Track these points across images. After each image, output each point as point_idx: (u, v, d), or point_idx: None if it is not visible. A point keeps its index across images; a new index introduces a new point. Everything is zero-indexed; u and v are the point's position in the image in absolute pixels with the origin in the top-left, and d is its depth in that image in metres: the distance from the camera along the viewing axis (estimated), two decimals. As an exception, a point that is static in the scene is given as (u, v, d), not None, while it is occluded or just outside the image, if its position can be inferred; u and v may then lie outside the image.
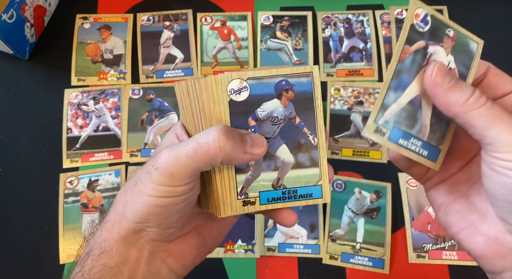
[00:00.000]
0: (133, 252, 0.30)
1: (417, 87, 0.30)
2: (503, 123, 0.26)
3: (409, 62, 0.30)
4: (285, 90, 0.31)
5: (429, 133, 0.31)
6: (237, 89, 0.30)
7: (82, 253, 0.30)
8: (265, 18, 0.67)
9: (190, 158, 0.28)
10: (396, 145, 0.30)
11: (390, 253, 0.55)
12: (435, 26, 0.30)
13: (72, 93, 0.63)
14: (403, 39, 0.29)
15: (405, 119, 0.30)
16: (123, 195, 0.30)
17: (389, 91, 0.29)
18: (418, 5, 0.30)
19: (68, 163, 0.60)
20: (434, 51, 0.30)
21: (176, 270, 0.33)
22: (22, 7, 0.61)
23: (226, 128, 0.28)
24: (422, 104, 0.30)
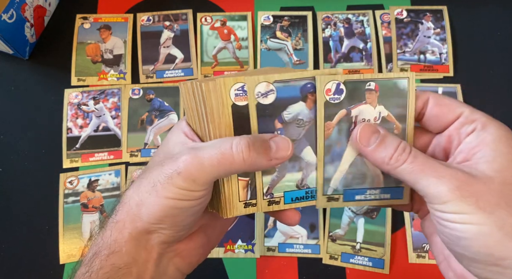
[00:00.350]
0: (143, 254, 0.30)
1: (354, 150, 0.32)
2: (427, 177, 0.27)
3: (335, 134, 0.31)
4: (310, 93, 0.31)
5: (384, 179, 0.32)
6: (264, 93, 0.30)
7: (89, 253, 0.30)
8: (265, 18, 0.67)
9: (214, 167, 0.28)
10: (355, 202, 0.32)
11: (390, 253, 0.55)
12: (353, 88, 0.31)
13: (72, 93, 0.63)
14: (321, 119, 0.31)
15: (353, 180, 0.32)
16: (136, 195, 0.30)
17: (326, 167, 0.31)
18: (327, 79, 0.30)
19: (68, 163, 0.60)
20: (359, 112, 0.31)
21: (182, 268, 0.33)
22: (22, 7, 0.60)
23: (249, 140, 0.29)
24: (365, 160, 0.32)
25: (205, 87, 0.30)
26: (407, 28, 0.66)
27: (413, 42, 0.65)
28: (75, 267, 0.31)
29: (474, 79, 0.63)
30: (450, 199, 0.26)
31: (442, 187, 0.26)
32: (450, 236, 0.27)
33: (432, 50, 0.64)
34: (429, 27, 0.66)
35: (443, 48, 0.64)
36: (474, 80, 0.63)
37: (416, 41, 0.65)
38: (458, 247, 0.27)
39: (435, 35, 0.65)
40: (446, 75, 0.63)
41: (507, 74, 0.64)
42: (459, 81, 0.63)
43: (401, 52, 0.64)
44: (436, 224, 0.28)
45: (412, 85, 0.31)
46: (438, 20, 0.66)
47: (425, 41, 0.65)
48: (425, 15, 0.66)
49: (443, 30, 0.65)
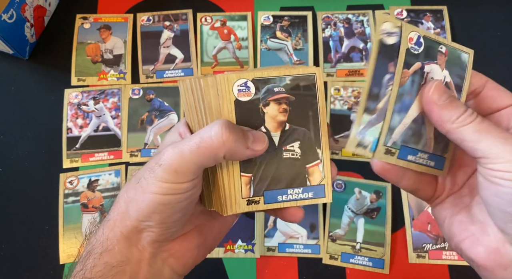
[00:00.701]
0: (135, 253, 0.30)
1: (418, 106, 0.32)
2: (492, 137, 0.28)
3: (409, 84, 0.31)
4: None
5: (434, 145, 0.33)
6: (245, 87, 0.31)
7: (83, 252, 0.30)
8: (265, 18, 0.67)
9: (193, 153, 0.28)
10: (406, 162, 0.32)
11: (390, 253, 0.55)
12: (429, 46, 0.32)
13: (72, 93, 0.63)
14: (401, 64, 0.31)
15: (411, 137, 0.32)
16: (125, 193, 0.30)
17: (394, 115, 0.31)
18: (411, 28, 0.31)
19: (68, 163, 0.60)
20: (431, 70, 0.32)
21: (178, 269, 0.33)
22: (22, 7, 0.60)
23: (228, 122, 0.29)
24: (425, 120, 0.32)
25: (203, 83, 0.30)
26: (407, 28, 0.66)
27: (413, 42, 0.65)
28: (72, 266, 0.31)
29: (474, 79, 0.63)
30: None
31: (507, 146, 0.27)
32: (506, 195, 0.27)
33: (432, 50, 0.64)
34: (429, 27, 0.66)
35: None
36: (474, 80, 0.63)
37: (416, 41, 0.65)
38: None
39: (435, 35, 0.65)
40: (446, 75, 0.63)
41: (507, 74, 0.64)
42: (459, 81, 0.63)
43: (401, 52, 0.64)
44: (489, 186, 0.28)
45: (471, 61, 0.33)
46: (438, 20, 0.66)
47: (425, 41, 0.65)
48: (425, 15, 0.66)
49: (443, 30, 0.65)
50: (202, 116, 0.31)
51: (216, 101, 0.30)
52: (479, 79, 0.33)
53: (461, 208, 0.32)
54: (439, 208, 0.34)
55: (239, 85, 0.31)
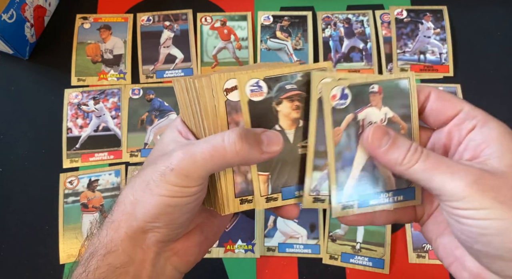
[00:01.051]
0: (139, 253, 0.30)
1: (364, 154, 0.31)
2: (441, 174, 0.27)
3: (345, 139, 0.31)
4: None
5: (395, 180, 0.32)
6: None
7: (85, 253, 0.30)
8: (265, 18, 0.67)
9: (206, 161, 0.28)
10: (370, 207, 0.32)
11: (390, 253, 0.55)
12: (357, 92, 0.31)
13: (72, 93, 0.63)
14: (329, 125, 0.31)
15: (365, 185, 0.32)
16: (131, 194, 0.30)
17: (338, 173, 0.31)
18: (331, 85, 0.30)
19: (68, 163, 0.60)
20: (365, 115, 0.31)
21: (180, 267, 0.33)
22: (22, 7, 0.60)
23: (241, 132, 0.28)
24: (376, 163, 0.32)
25: (198, 84, 0.30)
26: (407, 28, 0.66)
27: (413, 42, 0.65)
28: (72, 267, 0.31)
29: (474, 79, 0.63)
30: (468, 193, 0.26)
31: (458, 182, 0.26)
32: (469, 234, 0.26)
33: (432, 50, 0.64)
34: (429, 27, 0.66)
35: (443, 48, 0.64)
36: (474, 80, 0.63)
37: (416, 41, 0.65)
38: (479, 244, 0.27)
39: (435, 35, 0.65)
40: (446, 75, 0.63)
41: (507, 74, 0.64)
42: (459, 81, 0.63)
43: (401, 52, 0.64)
44: (453, 223, 0.27)
45: (413, 84, 0.31)
46: (438, 20, 0.66)
47: (425, 41, 0.65)
48: (425, 15, 0.66)
49: (443, 30, 0.65)
50: (198, 117, 0.31)
51: (212, 102, 0.30)
52: (421, 94, 0.31)
53: (443, 228, 0.32)
54: (424, 228, 0.34)
55: (252, 85, 0.30)
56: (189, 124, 0.33)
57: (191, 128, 0.33)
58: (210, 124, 0.30)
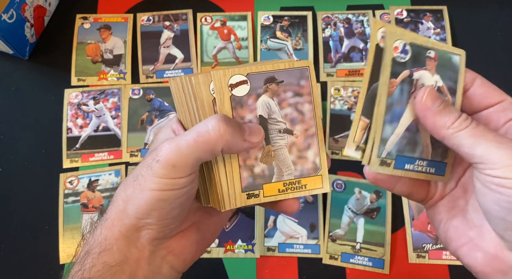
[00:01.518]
0: (134, 252, 0.30)
1: (411, 114, 0.31)
2: (487, 141, 0.27)
3: (398, 93, 0.31)
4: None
5: (432, 151, 0.32)
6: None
7: (81, 252, 0.30)
8: (265, 18, 0.67)
9: (191, 148, 0.28)
10: (404, 171, 0.32)
11: (390, 253, 0.55)
12: (416, 52, 0.31)
13: (72, 93, 0.63)
14: (387, 75, 0.30)
15: (406, 146, 0.31)
16: (123, 191, 0.30)
17: (385, 126, 0.31)
18: (395, 36, 0.31)
19: (68, 163, 0.60)
20: (420, 76, 0.32)
21: (177, 266, 0.33)
22: (22, 7, 0.61)
23: (224, 116, 0.29)
24: (419, 127, 0.32)
25: (194, 80, 0.30)
26: (407, 28, 0.66)
27: (413, 42, 0.65)
28: (69, 266, 0.31)
29: (474, 79, 0.63)
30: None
31: (505, 150, 0.26)
32: (505, 203, 0.27)
33: (432, 50, 0.64)
34: (429, 27, 0.66)
35: (443, 48, 0.64)
36: (474, 80, 0.63)
37: (416, 41, 0.65)
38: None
39: (435, 35, 0.65)
40: (446, 75, 0.63)
41: (507, 74, 0.64)
42: (459, 81, 0.63)
43: (401, 52, 0.64)
44: (487, 193, 0.27)
45: (463, 62, 0.32)
46: (438, 20, 0.66)
47: (425, 41, 0.65)
48: (425, 15, 0.66)
49: (443, 30, 0.65)
50: (195, 113, 0.31)
51: (209, 99, 0.31)
52: (468, 76, 0.32)
53: (457, 211, 0.32)
54: (433, 210, 0.34)
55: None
56: (185, 122, 0.33)
57: (187, 126, 0.33)
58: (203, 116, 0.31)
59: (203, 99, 0.30)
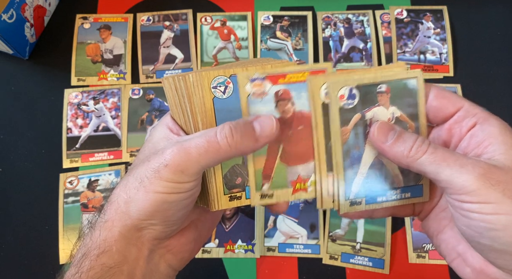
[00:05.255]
0: (133, 251, 0.30)
1: (372, 152, 0.32)
2: (450, 167, 0.27)
3: (352, 138, 0.31)
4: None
5: (403, 178, 0.32)
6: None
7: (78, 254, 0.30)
8: (265, 18, 0.67)
9: (201, 156, 0.28)
10: (377, 204, 0.33)
11: (390, 253, 0.55)
12: (365, 92, 0.31)
13: (72, 93, 0.63)
14: (337, 125, 0.31)
15: (373, 182, 0.32)
16: (123, 193, 0.30)
17: (346, 171, 0.32)
18: (339, 85, 0.30)
19: (68, 163, 0.60)
20: (373, 114, 0.31)
21: (175, 264, 0.33)
22: (22, 7, 0.60)
23: (231, 125, 0.29)
24: (384, 160, 0.32)
25: (187, 81, 0.30)
26: (407, 28, 0.66)
27: (413, 42, 0.65)
28: (63, 269, 0.30)
29: (474, 79, 0.63)
30: (477, 187, 0.26)
31: (467, 175, 0.26)
32: (476, 228, 0.26)
33: (432, 50, 0.64)
34: (429, 27, 0.66)
35: (443, 48, 0.64)
36: (474, 80, 0.63)
37: (416, 41, 0.65)
38: (485, 238, 0.27)
39: (435, 35, 0.65)
40: (446, 75, 0.63)
41: (507, 74, 0.64)
42: (459, 81, 0.63)
43: (401, 52, 0.64)
44: (459, 217, 0.27)
45: (421, 84, 0.31)
46: (438, 20, 0.66)
47: (425, 41, 0.65)
48: (425, 15, 0.66)
49: (443, 30, 0.65)
50: (187, 114, 0.31)
51: (201, 100, 0.30)
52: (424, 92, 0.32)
53: (445, 224, 0.32)
54: (425, 223, 0.34)
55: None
56: (179, 122, 0.33)
57: (183, 125, 0.33)
58: (199, 122, 0.30)
59: (198, 100, 0.30)
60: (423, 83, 0.31)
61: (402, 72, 0.31)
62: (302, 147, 0.32)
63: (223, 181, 0.31)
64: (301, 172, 0.32)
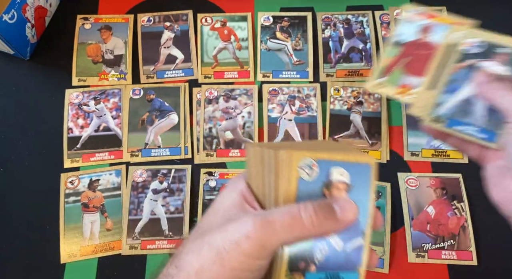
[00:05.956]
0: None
1: (470, 89, 0.39)
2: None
3: (462, 73, 0.40)
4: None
5: (488, 121, 0.38)
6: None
7: None
8: (265, 18, 0.67)
9: (285, 232, 0.27)
10: (455, 131, 0.39)
11: (390, 252, 0.55)
12: (488, 47, 0.40)
13: (73, 94, 0.63)
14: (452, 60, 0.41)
15: (461, 112, 0.39)
16: (195, 262, 0.28)
17: (444, 94, 0.40)
18: (474, 35, 0.41)
19: (69, 162, 0.60)
20: (487, 66, 0.40)
21: None
22: (23, 8, 0.61)
23: (314, 205, 0.28)
24: (478, 100, 0.39)
25: (278, 157, 0.29)
26: (406, 28, 0.66)
27: (413, 42, 0.65)
28: None
29: (473, 79, 0.63)
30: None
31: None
32: None
33: (432, 50, 0.65)
34: (429, 27, 0.66)
35: (442, 48, 0.65)
36: (473, 81, 0.63)
37: (415, 42, 0.65)
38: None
39: (435, 35, 0.65)
40: (445, 76, 0.64)
41: (506, 75, 0.64)
42: (458, 81, 0.63)
43: (400, 53, 0.65)
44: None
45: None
46: (437, 21, 0.66)
47: (425, 41, 0.65)
48: (425, 15, 0.66)
49: (442, 30, 0.65)
50: (270, 187, 0.30)
51: (286, 178, 0.28)
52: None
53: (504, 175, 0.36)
54: (487, 170, 0.37)
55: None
56: (256, 191, 0.32)
57: (256, 195, 0.31)
58: (283, 198, 0.29)
59: (283, 177, 0.28)
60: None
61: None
62: (422, 65, 0.43)
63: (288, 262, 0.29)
64: (412, 81, 0.43)
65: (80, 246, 0.56)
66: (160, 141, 0.61)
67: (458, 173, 0.59)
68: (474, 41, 0.41)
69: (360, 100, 0.62)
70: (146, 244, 0.56)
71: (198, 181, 0.59)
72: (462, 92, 0.40)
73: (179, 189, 0.58)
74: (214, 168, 0.59)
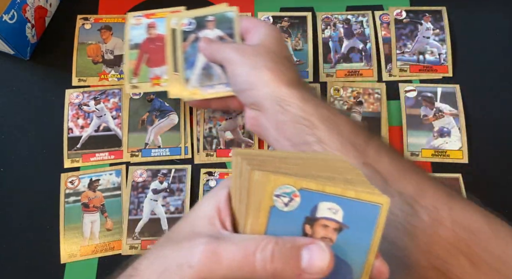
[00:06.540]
0: None
1: (202, 58, 0.51)
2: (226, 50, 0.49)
3: (190, 49, 0.52)
4: None
5: (226, 77, 0.50)
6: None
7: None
8: (264, 18, 0.67)
9: (231, 270, 0.24)
10: (209, 94, 0.51)
11: (390, 252, 0.55)
12: (199, 21, 0.52)
13: (73, 94, 0.63)
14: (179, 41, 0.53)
15: (205, 78, 0.51)
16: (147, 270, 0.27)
17: (185, 71, 0.52)
18: (181, 16, 0.55)
19: (69, 162, 0.60)
20: (204, 34, 0.52)
21: None
22: (23, 8, 0.61)
23: (275, 247, 0.24)
24: (211, 64, 0.51)
25: (252, 177, 0.24)
26: (406, 28, 0.66)
27: (412, 42, 0.65)
28: None
29: (473, 79, 0.63)
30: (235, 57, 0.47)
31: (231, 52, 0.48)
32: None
33: (431, 50, 0.65)
34: (428, 27, 0.66)
35: (442, 48, 0.65)
36: (473, 81, 0.63)
37: (415, 42, 0.65)
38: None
39: (434, 35, 0.65)
40: (445, 76, 0.64)
41: (507, 74, 0.64)
42: (458, 81, 0.63)
43: (400, 53, 0.65)
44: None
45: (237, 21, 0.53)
46: (437, 21, 0.66)
47: (424, 41, 0.65)
48: (424, 15, 0.66)
49: (442, 30, 0.66)
50: (243, 207, 0.26)
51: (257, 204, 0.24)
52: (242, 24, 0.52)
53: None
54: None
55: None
56: (233, 205, 0.29)
57: (234, 210, 0.29)
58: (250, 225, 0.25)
59: (255, 199, 0.24)
60: (239, 20, 0.52)
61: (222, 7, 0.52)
62: (160, 56, 0.53)
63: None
64: (158, 72, 0.54)
65: (80, 246, 0.56)
66: (160, 141, 0.61)
67: (458, 173, 0.59)
68: (187, 20, 0.51)
69: (360, 100, 0.62)
70: (146, 244, 0.56)
71: (198, 181, 0.59)
72: (198, 63, 0.51)
73: (179, 189, 0.58)
74: (214, 168, 0.59)
